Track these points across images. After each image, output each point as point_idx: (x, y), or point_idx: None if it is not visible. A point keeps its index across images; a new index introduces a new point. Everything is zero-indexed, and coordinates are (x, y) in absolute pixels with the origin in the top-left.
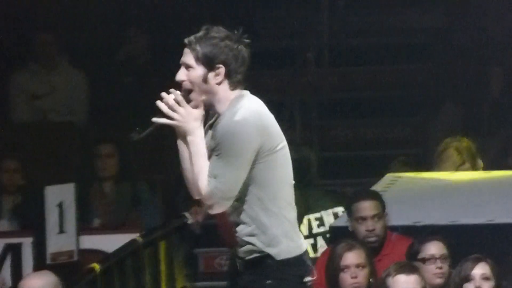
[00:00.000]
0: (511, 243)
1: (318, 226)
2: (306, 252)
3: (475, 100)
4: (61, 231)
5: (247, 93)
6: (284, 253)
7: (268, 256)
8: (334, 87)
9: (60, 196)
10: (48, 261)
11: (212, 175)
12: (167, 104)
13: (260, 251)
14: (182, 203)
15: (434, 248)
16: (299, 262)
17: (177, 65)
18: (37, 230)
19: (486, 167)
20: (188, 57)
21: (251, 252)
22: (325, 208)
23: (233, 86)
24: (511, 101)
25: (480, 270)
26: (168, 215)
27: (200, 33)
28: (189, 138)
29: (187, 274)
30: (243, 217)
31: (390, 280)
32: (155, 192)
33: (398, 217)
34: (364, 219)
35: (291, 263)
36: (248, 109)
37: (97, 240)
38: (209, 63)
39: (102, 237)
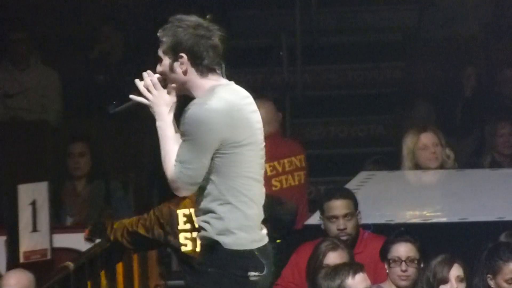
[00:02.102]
0: (483, 242)
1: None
2: (263, 249)
3: (448, 99)
4: (34, 229)
5: (227, 83)
6: (233, 244)
7: (217, 243)
8: (307, 86)
9: (33, 195)
10: (21, 260)
11: (178, 160)
12: (144, 84)
13: (210, 238)
14: (155, 201)
15: (401, 250)
16: (248, 256)
17: (150, 63)
18: (10, 228)
19: (460, 166)
20: (159, 49)
21: (204, 237)
22: None
23: (202, 74)
24: (484, 101)
25: (456, 272)
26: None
27: (167, 24)
28: (157, 123)
29: (161, 272)
30: (202, 203)
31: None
32: (128, 191)
33: (371, 216)
34: (335, 218)
35: (238, 254)
36: (219, 99)
37: (70, 239)
38: (173, 53)
39: (75, 235)
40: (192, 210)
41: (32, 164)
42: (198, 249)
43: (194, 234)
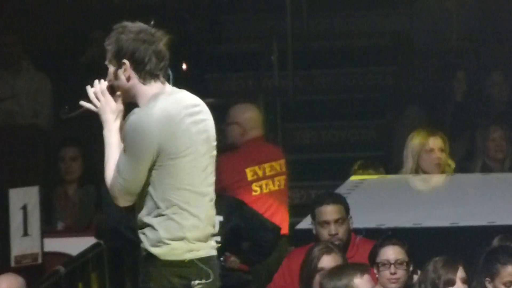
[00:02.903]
0: (475, 246)
1: None
2: (205, 258)
3: (438, 104)
4: (25, 233)
5: (172, 91)
6: (168, 255)
7: (153, 256)
8: (298, 90)
9: (24, 199)
10: (12, 264)
11: (116, 169)
12: (93, 91)
13: (147, 250)
14: None
15: (389, 253)
16: (186, 265)
17: None
18: (1, 233)
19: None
20: (106, 58)
21: (142, 249)
22: None
23: (145, 80)
24: (474, 105)
25: (461, 273)
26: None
27: (112, 32)
28: (104, 131)
29: None
30: (139, 215)
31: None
32: None
33: (362, 220)
34: (327, 223)
35: (176, 265)
36: (157, 108)
37: (61, 243)
38: (116, 60)
39: (66, 240)
40: None
41: (23, 168)
42: None
43: None
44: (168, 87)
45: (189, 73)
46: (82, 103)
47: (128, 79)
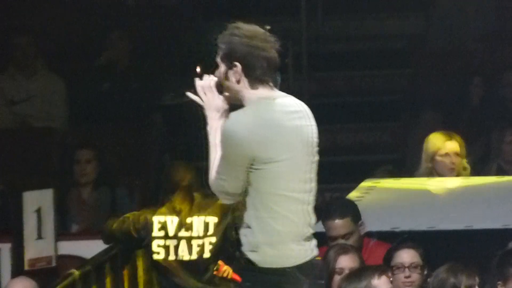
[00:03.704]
0: (489, 249)
1: (159, 229)
2: (299, 266)
3: (454, 107)
4: (39, 236)
5: (276, 96)
6: (264, 262)
7: (250, 261)
8: (313, 93)
9: (38, 202)
10: (26, 267)
11: (216, 170)
12: (201, 85)
13: (244, 254)
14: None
15: (404, 256)
16: (281, 273)
17: (156, 71)
18: (15, 235)
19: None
20: (217, 55)
21: (241, 252)
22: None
23: (253, 85)
24: (490, 108)
25: (472, 281)
26: None
27: (226, 31)
28: (207, 127)
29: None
30: (245, 213)
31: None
32: (134, 198)
33: (376, 223)
34: (335, 238)
35: (271, 272)
36: (251, 114)
37: (76, 246)
38: (228, 61)
39: (81, 243)
40: (168, 218)
41: (38, 171)
42: (171, 257)
43: (167, 241)
44: (275, 92)
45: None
46: (189, 94)
47: (238, 81)
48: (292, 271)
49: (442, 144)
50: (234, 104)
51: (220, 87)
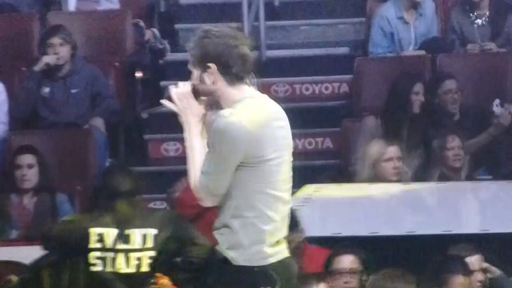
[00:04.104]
0: (431, 255)
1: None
2: (276, 264)
3: (395, 114)
4: None
5: (257, 95)
6: (242, 260)
7: (226, 260)
8: None
9: None
10: None
11: (202, 171)
12: (176, 92)
13: (221, 253)
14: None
15: (343, 262)
16: (258, 272)
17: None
18: None
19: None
20: (189, 63)
21: (216, 251)
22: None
23: (231, 82)
24: (430, 115)
25: (409, 286)
26: None
27: (196, 36)
28: (184, 133)
29: None
30: (220, 217)
31: None
32: (74, 203)
33: (317, 228)
34: None
35: (247, 271)
36: (244, 113)
37: (15, 252)
38: (201, 64)
39: (20, 248)
40: (106, 230)
41: None
42: (108, 269)
43: (105, 253)
44: (252, 91)
45: (144, 81)
46: (164, 102)
47: (215, 82)
48: (268, 270)
49: (385, 149)
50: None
51: (196, 93)
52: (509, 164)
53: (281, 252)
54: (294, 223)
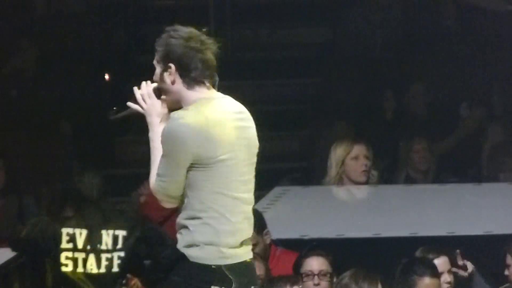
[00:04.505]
0: (397, 257)
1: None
2: (234, 266)
3: (363, 116)
4: None
5: (215, 97)
6: (198, 258)
7: (184, 256)
8: None
9: None
10: None
11: (157, 173)
12: (140, 93)
13: (179, 250)
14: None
15: (313, 264)
16: (213, 271)
17: (65, 78)
18: None
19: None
20: (154, 58)
21: (176, 249)
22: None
23: (189, 86)
24: (398, 119)
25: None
26: None
27: (164, 34)
28: (149, 133)
29: None
30: (179, 217)
31: None
32: (41, 206)
33: (285, 231)
34: None
35: (203, 268)
36: (195, 113)
37: None
38: (163, 63)
39: None
40: (76, 230)
41: None
42: (79, 270)
43: (76, 254)
44: (214, 93)
45: (111, 83)
46: (130, 104)
47: (173, 82)
48: (223, 270)
49: (351, 148)
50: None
51: (158, 92)
52: (476, 166)
53: (242, 254)
54: (260, 226)
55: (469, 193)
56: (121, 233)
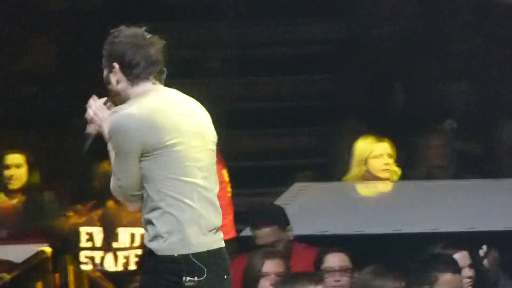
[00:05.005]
0: (417, 253)
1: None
2: (204, 253)
3: (380, 112)
4: None
5: (159, 89)
6: (164, 250)
7: (150, 250)
8: (238, 97)
9: None
10: None
11: (113, 174)
12: (92, 111)
13: (146, 246)
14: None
15: (333, 260)
16: (181, 261)
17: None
18: None
19: None
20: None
21: (144, 246)
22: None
23: (133, 83)
24: (415, 113)
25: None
26: None
27: (109, 36)
28: (108, 145)
29: None
30: (142, 213)
31: None
32: (63, 202)
33: (305, 227)
34: (263, 247)
35: (170, 260)
36: (137, 103)
37: (5, 251)
38: (108, 64)
39: (10, 247)
40: (94, 229)
41: None
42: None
43: (94, 252)
44: (159, 87)
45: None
46: (87, 131)
47: (118, 81)
48: (191, 259)
49: (374, 146)
50: None
51: (110, 103)
52: (496, 162)
53: (210, 243)
54: (283, 222)
55: (490, 188)
56: (139, 230)
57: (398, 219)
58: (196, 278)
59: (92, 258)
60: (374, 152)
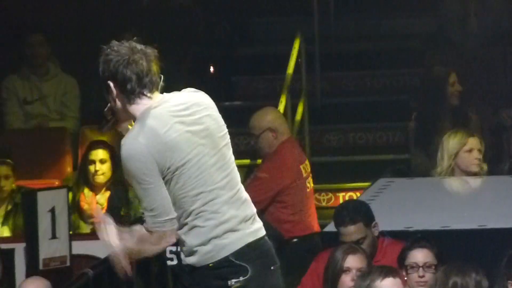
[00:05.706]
0: (502, 249)
1: None
2: (241, 251)
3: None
4: (53, 236)
5: (158, 101)
6: (201, 261)
7: (190, 265)
8: (325, 93)
9: (52, 202)
10: (41, 267)
11: (145, 210)
12: (101, 234)
13: (185, 261)
14: None
15: (418, 256)
16: (222, 266)
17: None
18: (29, 235)
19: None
20: None
21: (183, 261)
22: None
23: (130, 100)
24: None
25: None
26: None
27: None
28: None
29: None
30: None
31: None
32: None
33: (390, 222)
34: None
35: (211, 268)
36: (138, 130)
37: (89, 246)
38: (103, 83)
39: (94, 242)
40: None
41: (51, 171)
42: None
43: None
44: (156, 98)
45: (216, 76)
46: (112, 257)
47: (115, 100)
48: (230, 260)
49: (466, 140)
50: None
51: (111, 120)
52: None
53: (245, 236)
54: (369, 218)
55: None
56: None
57: (483, 214)
58: (241, 278)
59: (176, 254)
60: (465, 147)
